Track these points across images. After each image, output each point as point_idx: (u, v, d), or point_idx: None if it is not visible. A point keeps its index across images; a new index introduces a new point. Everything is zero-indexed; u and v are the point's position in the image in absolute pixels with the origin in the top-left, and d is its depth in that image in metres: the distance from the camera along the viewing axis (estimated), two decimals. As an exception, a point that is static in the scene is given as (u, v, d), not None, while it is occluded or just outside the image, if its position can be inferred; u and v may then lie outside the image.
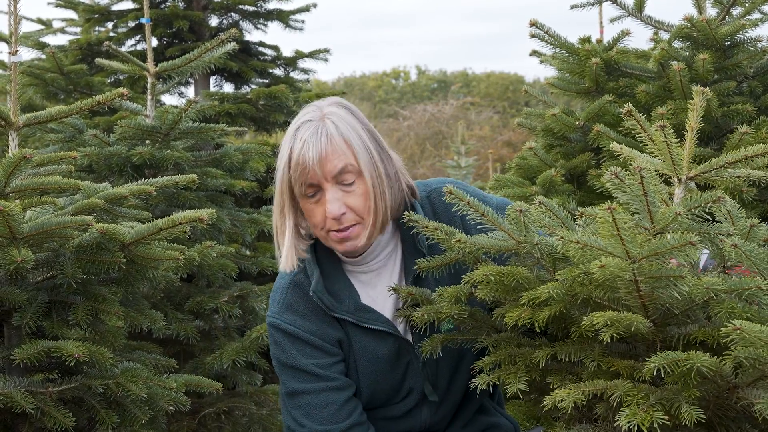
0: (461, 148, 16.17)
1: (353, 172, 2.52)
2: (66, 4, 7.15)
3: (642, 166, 2.10)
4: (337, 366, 2.65)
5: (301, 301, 2.64)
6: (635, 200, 2.14)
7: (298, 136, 2.51)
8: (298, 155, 2.49)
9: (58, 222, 2.78)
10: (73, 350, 2.73)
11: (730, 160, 2.23)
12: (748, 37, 4.34)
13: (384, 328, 2.63)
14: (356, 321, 2.63)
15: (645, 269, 2.02)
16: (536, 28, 4.55)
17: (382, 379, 2.68)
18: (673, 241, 1.99)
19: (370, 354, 2.65)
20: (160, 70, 4.50)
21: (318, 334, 2.62)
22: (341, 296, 2.64)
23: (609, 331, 2.02)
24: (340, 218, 2.52)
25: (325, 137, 2.50)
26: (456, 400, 2.76)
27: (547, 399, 2.08)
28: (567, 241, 2.08)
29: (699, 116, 2.29)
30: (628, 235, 2.00)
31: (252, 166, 4.90)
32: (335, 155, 2.49)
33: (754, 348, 1.92)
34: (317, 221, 2.55)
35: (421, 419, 2.75)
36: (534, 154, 4.74)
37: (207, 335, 4.50)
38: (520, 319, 2.19)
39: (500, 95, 36.61)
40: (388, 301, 2.68)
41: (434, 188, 2.72)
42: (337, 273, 2.67)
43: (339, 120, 2.53)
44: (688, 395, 2.02)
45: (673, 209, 2.11)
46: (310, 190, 2.53)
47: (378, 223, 2.56)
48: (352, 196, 2.52)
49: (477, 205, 2.35)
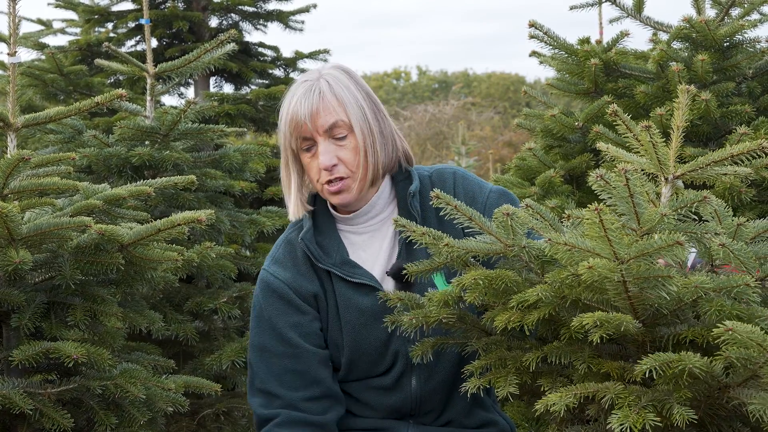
0: (462, 148, 16.20)
1: (344, 128, 2.67)
2: (66, 4, 7.15)
3: (627, 168, 2.11)
4: (311, 324, 2.73)
5: (288, 255, 2.79)
6: (621, 202, 2.15)
7: (294, 94, 2.70)
8: (292, 111, 2.68)
9: (57, 223, 2.78)
10: (72, 351, 2.73)
11: (716, 158, 2.23)
12: (747, 38, 4.34)
13: (368, 281, 2.71)
14: (341, 274, 2.72)
15: (633, 270, 2.02)
16: (535, 29, 4.56)
17: (366, 334, 2.71)
18: (661, 241, 1.99)
19: (354, 306, 2.72)
20: (159, 70, 4.50)
21: (293, 286, 2.74)
22: (329, 250, 2.76)
23: (598, 331, 2.02)
24: (331, 169, 2.66)
25: (317, 94, 2.67)
26: (446, 372, 2.73)
27: (539, 403, 2.09)
28: (555, 243, 2.08)
29: (685, 115, 2.29)
30: (615, 236, 2.01)
31: (251, 167, 4.90)
32: (326, 111, 2.66)
33: (745, 348, 1.92)
34: (313, 175, 2.71)
35: (411, 390, 2.74)
36: (533, 154, 4.75)
37: (206, 336, 4.50)
38: (509, 322, 2.20)
39: (501, 96, 36.61)
40: (377, 265, 2.76)
41: (438, 169, 2.85)
42: (330, 230, 2.80)
43: (333, 80, 2.70)
44: (679, 396, 2.02)
45: (659, 210, 2.12)
46: (305, 144, 2.70)
47: (368, 177, 2.70)
48: (344, 150, 2.68)
49: (464, 209, 2.36)
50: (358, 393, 2.77)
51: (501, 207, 2.32)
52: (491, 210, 2.42)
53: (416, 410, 2.76)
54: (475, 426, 2.81)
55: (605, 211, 2.00)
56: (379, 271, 2.76)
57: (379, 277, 2.75)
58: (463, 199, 2.72)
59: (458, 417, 2.79)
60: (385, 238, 2.77)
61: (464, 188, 2.79)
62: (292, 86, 2.74)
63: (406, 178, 2.80)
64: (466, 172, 2.83)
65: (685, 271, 2.27)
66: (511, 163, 4.99)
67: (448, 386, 2.75)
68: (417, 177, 2.78)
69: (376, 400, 2.76)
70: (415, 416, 2.77)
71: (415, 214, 2.72)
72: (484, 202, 2.75)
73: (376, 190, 2.77)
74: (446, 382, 2.74)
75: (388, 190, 2.80)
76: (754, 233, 2.33)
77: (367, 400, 2.76)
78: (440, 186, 2.76)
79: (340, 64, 2.78)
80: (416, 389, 2.74)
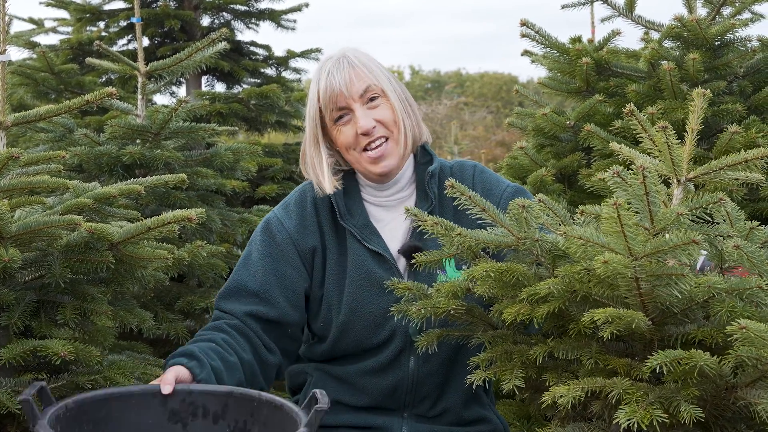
0: (455, 148, 16.19)
1: (377, 91, 2.79)
2: (57, 3, 7.12)
3: (646, 165, 2.10)
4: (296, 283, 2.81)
5: (298, 205, 2.88)
6: (636, 200, 2.14)
7: (323, 69, 2.82)
8: (326, 84, 2.78)
9: (46, 221, 2.77)
10: (59, 349, 2.72)
11: (730, 162, 2.24)
12: (738, 37, 4.34)
13: (382, 251, 2.78)
14: (360, 236, 2.80)
15: (647, 267, 2.02)
16: (527, 28, 4.55)
17: (368, 298, 2.76)
18: (677, 239, 1.99)
19: (364, 268, 2.78)
20: (150, 69, 4.49)
21: (294, 237, 2.82)
22: (353, 211, 2.84)
23: (609, 328, 2.02)
24: (371, 131, 2.77)
25: (347, 64, 2.79)
26: (445, 354, 2.75)
27: (546, 395, 2.09)
28: (569, 236, 2.09)
29: (700, 118, 2.30)
30: (631, 233, 2.01)
31: (243, 166, 4.89)
32: (359, 78, 2.78)
33: (756, 348, 1.92)
34: (350, 141, 2.81)
35: (409, 369, 2.76)
36: (525, 153, 4.75)
37: (197, 335, 4.48)
38: (519, 315, 2.21)
39: (494, 95, 36.62)
40: (393, 238, 2.84)
41: (459, 162, 2.95)
42: (356, 195, 2.88)
43: (357, 53, 2.83)
44: (687, 394, 2.02)
45: (675, 209, 2.12)
46: (339, 113, 2.80)
47: (408, 139, 2.82)
48: (380, 110, 2.79)
49: (478, 200, 2.39)
50: (352, 378, 2.78)
51: (516, 200, 2.35)
52: (506, 204, 2.46)
53: (412, 395, 2.76)
54: (470, 420, 2.82)
55: (624, 207, 2.00)
56: (394, 246, 2.82)
57: (393, 252, 2.81)
58: (480, 191, 2.76)
59: (454, 407, 2.79)
60: (402, 217, 2.83)
61: (482, 181, 2.87)
62: (319, 65, 2.86)
63: (428, 161, 2.89)
64: (485, 168, 2.92)
65: (695, 273, 2.27)
66: (503, 161, 4.99)
67: (446, 369, 2.76)
68: (438, 161, 2.88)
69: (371, 383, 2.76)
70: (409, 406, 2.77)
71: (432, 195, 2.81)
72: (500, 196, 2.81)
73: (404, 166, 2.85)
74: (444, 364, 2.76)
75: (411, 169, 2.89)
76: (766, 237, 2.33)
77: (362, 384, 2.77)
78: (460, 176, 2.87)
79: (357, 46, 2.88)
80: (413, 369, 2.75)
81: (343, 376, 2.79)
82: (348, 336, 2.76)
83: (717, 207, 2.21)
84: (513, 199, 2.49)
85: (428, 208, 2.77)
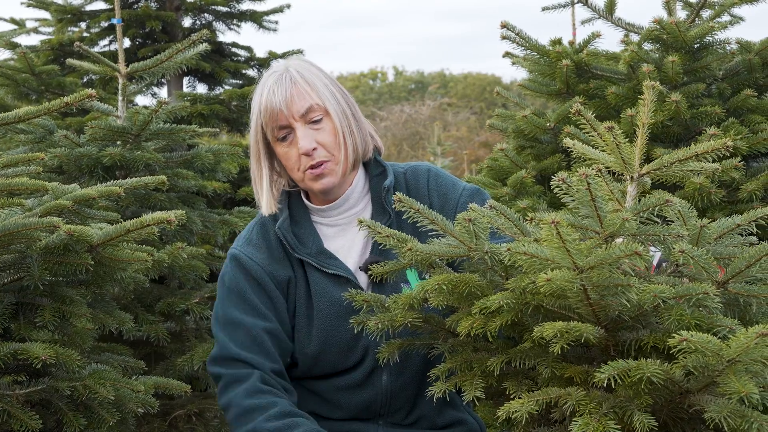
0: (438, 148, 16.22)
1: (320, 111, 2.69)
2: (38, 4, 7.09)
3: (588, 172, 2.11)
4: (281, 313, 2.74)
5: (263, 239, 2.79)
6: (583, 205, 2.15)
7: (265, 85, 2.72)
8: (266, 100, 2.69)
9: (25, 224, 2.77)
10: (40, 352, 2.71)
11: (681, 156, 2.25)
12: (717, 40, 4.38)
13: (343, 273, 2.72)
14: (317, 264, 2.73)
15: (593, 278, 2.02)
16: (507, 30, 4.57)
17: (338, 325, 2.71)
18: (619, 251, 1.99)
19: (328, 296, 2.73)
20: (131, 70, 4.48)
21: (268, 270, 2.74)
22: (305, 240, 2.77)
23: (560, 342, 2.03)
24: (311, 153, 2.67)
25: (289, 81, 2.69)
26: (417, 367, 2.73)
27: (501, 410, 2.08)
28: (514, 252, 2.09)
29: (650, 111, 2.32)
30: (573, 247, 2.00)
31: (224, 168, 4.89)
32: (300, 96, 2.68)
33: (702, 356, 1.93)
34: (292, 163, 2.72)
35: (382, 385, 2.74)
36: (505, 155, 4.77)
37: (178, 337, 4.48)
38: (472, 329, 2.20)
39: (477, 96, 36.66)
40: (350, 256, 2.78)
41: (412, 166, 2.87)
42: (305, 220, 2.80)
43: (301, 68, 2.73)
44: (640, 402, 2.03)
45: (621, 215, 2.12)
46: (281, 133, 2.70)
47: (349, 159, 2.72)
48: (321, 133, 2.69)
49: (427, 212, 2.36)
50: (327, 393, 2.77)
51: (462, 214, 2.32)
52: (464, 208, 2.44)
53: (386, 407, 2.76)
54: (445, 425, 2.82)
55: (562, 224, 1.99)
56: (352, 264, 2.77)
57: (353, 270, 2.76)
58: (436, 196, 2.74)
59: (428, 414, 2.79)
60: (358, 232, 2.77)
61: (437, 186, 2.81)
62: (261, 80, 2.76)
63: (381, 173, 2.81)
64: (439, 170, 2.85)
65: (651, 272, 2.28)
66: (484, 163, 5.00)
67: (419, 381, 2.75)
68: (392, 172, 2.80)
69: (345, 399, 2.75)
70: (384, 415, 2.77)
71: (390, 210, 2.73)
72: (456, 200, 2.76)
73: (351, 182, 2.78)
74: (417, 376, 2.75)
75: (362, 183, 2.81)
76: (718, 233, 2.34)
77: (337, 400, 2.76)
78: (414, 183, 2.80)
79: (304, 57, 2.79)
80: (387, 385, 2.74)
81: (318, 392, 2.78)
82: (322, 362, 2.75)
83: (665, 208, 2.22)
84: (471, 202, 2.48)
85: (387, 222, 2.72)
